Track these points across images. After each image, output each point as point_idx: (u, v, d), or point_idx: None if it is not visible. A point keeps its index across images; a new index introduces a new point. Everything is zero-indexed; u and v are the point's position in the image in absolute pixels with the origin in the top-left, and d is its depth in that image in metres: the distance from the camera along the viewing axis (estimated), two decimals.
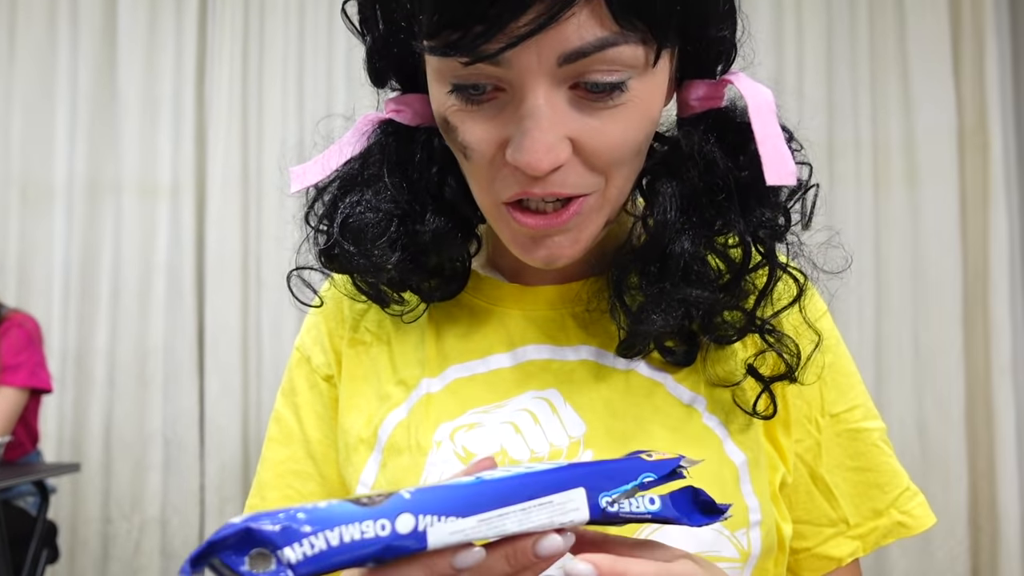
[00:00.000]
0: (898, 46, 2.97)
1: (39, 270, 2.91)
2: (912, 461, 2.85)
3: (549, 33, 0.50)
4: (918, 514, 0.71)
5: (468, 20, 0.50)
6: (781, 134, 0.59)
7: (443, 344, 0.68)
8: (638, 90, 0.55)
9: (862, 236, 2.93)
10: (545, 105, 0.53)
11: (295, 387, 0.73)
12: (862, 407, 0.71)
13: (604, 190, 0.58)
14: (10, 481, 1.95)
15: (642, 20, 0.52)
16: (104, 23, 2.98)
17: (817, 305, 0.71)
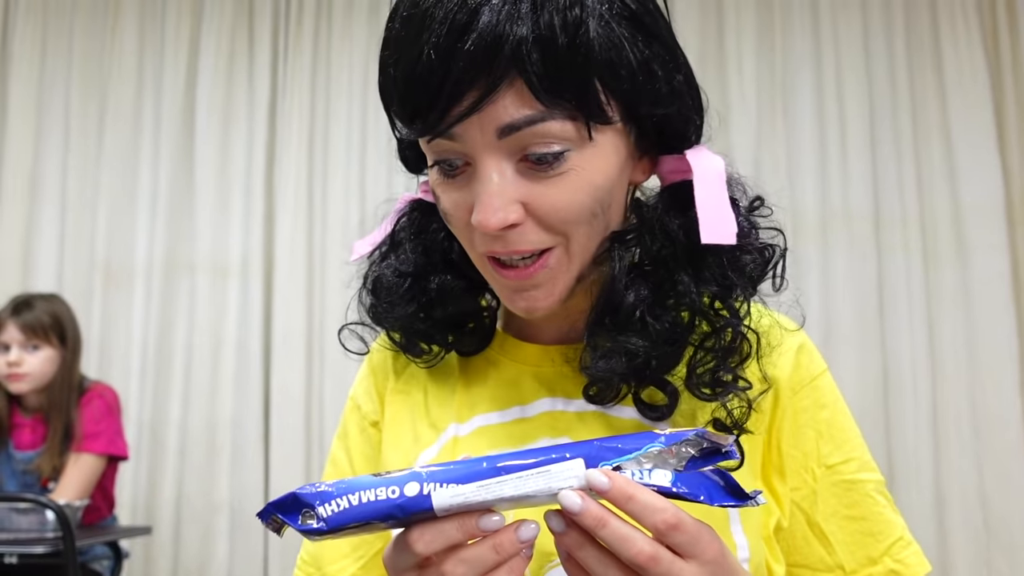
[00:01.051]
0: (940, 118, 3.02)
1: (118, 345, 3.09)
2: (975, 533, 2.80)
3: (486, 112, 0.60)
4: (911, 562, 0.74)
5: (423, 108, 0.61)
6: (724, 199, 0.66)
7: (470, 394, 0.77)
8: (578, 161, 0.63)
9: (913, 309, 2.94)
10: (495, 174, 0.62)
11: (347, 431, 0.83)
12: (857, 460, 0.75)
13: (567, 247, 0.66)
14: (87, 541, 2.07)
15: (563, 99, 0.60)
16: (183, 117, 3.21)
17: (816, 364, 0.76)
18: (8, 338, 2.29)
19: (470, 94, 0.60)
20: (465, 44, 0.58)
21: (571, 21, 0.59)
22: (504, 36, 0.58)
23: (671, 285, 0.68)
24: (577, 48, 0.59)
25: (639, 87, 0.64)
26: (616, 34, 0.62)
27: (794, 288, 2.62)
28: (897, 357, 2.93)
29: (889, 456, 2.89)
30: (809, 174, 3.03)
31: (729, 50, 3.11)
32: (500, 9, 0.58)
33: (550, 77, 0.59)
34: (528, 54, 0.58)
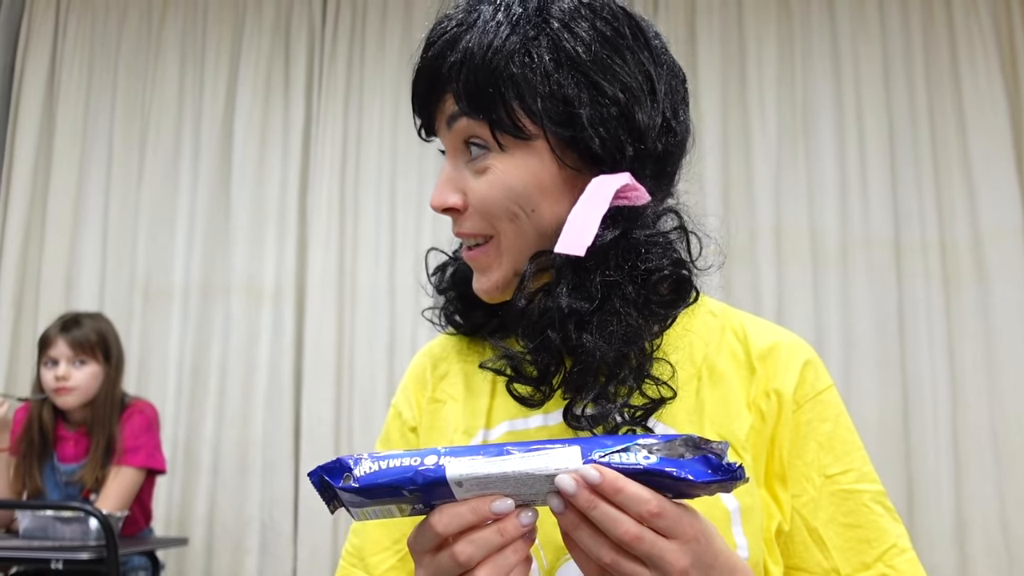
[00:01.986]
0: (960, 145, 3.06)
1: (156, 365, 3.19)
2: (997, 558, 2.81)
3: (440, 109, 0.79)
4: (904, 569, 0.78)
5: (420, 103, 0.81)
6: (594, 215, 0.73)
7: (498, 403, 0.84)
8: (495, 162, 0.77)
9: (933, 334, 2.97)
10: (449, 165, 0.80)
11: (389, 436, 0.91)
12: (856, 471, 0.80)
13: (499, 241, 0.79)
14: (128, 550, 2.15)
15: (477, 108, 0.76)
16: (220, 145, 3.33)
17: (821, 379, 0.82)
18: (56, 353, 2.38)
19: (440, 102, 0.79)
20: (436, 68, 0.78)
21: (490, 50, 0.75)
22: (447, 62, 0.77)
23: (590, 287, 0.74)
24: (492, 69, 0.75)
25: (551, 113, 0.75)
26: (537, 64, 0.75)
27: (814, 311, 2.68)
28: (918, 381, 2.96)
29: (910, 480, 2.91)
30: (830, 200, 3.08)
31: (751, 78, 3.18)
32: (453, 42, 0.77)
33: (467, 90, 0.76)
34: (458, 80, 0.76)
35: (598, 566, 0.61)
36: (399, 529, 0.87)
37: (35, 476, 2.39)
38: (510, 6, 0.76)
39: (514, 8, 0.76)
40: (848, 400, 2.93)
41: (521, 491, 0.59)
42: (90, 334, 2.40)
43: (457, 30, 0.77)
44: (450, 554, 0.60)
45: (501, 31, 0.75)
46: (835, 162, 3.10)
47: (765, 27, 3.21)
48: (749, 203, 3.12)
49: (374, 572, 0.87)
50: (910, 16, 3.18)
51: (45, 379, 2.39)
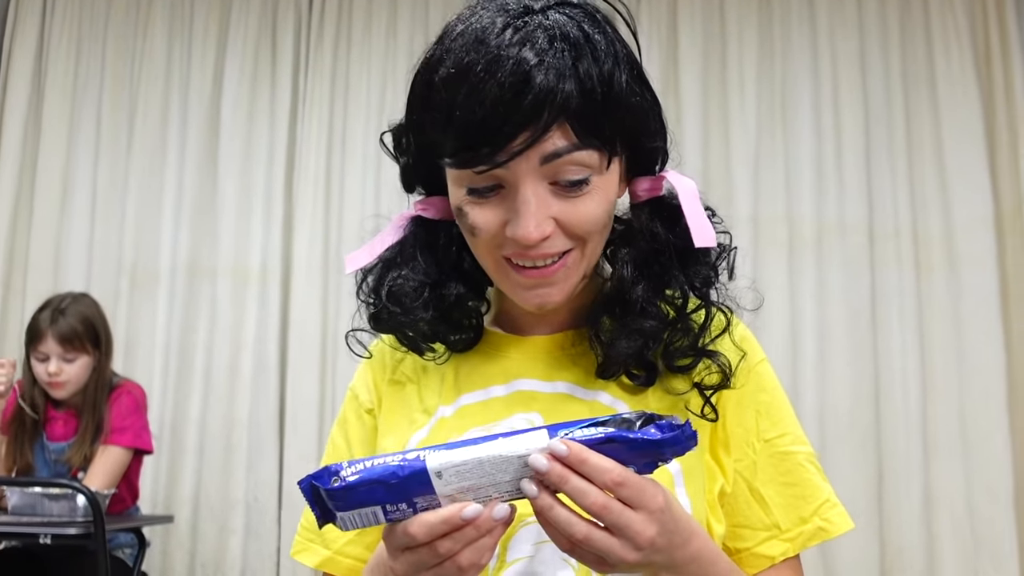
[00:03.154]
0: (934, 136, 3.12)
1: (142, 345, 3.23)
2: (963, 541, 2.89)
3: (535, 146, 0.74)
4: (836, 521, 0.86)
5: (479, 143, 0.73)
6: (703, 212, 0.81)
7: (457, 381, 0.89)
8: (598, 184, 0.78)
9: (905, 320, 3.04)
10: (533, 196, 0.76)
11: (346, 418, 0.95)
12: (791, 434, 0.87)
13: (583, 249, 0.80)
14: (115, 526, 2.20)
15: (596, 138, 0.75)
16: (207, 126, 3.36)
17: (756, 353, 0.89)
18: (47, 349, 2.41)
19: (524, 135, 0.73)
20: (524, 100, 0.71)
21: (606, 75, 0.74)
22: (555, 91, 0.72)
23: (667, 278, 0.83)
24: (610, 98, 0.75)
25: (642, 127, 0.80)
26: (631, 85, 0.77)
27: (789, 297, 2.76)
28: (889, 366, 3.03)
29: (880, 462, 2.98)
30: (806, 188, 3.14)
31: (731, 69, 3.23)
32: (548, 70, 0.72)
33: (588, 121, 0.74)
34: (573, 104, 0.73)
35: (572, 543, 0.65)
36: None
37: (26, 454, 2.43)
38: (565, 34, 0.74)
39: (569, 32, 0.74)
40: (821, 384, 3.01)
41: (497, 478, 0.63)
42: (77, 326, 2.42)
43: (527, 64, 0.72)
44: (429, 549, 0.64)
45: (588, 59, 0.74)
46: (812, 152, 3.16)
47: (746, 19, 3.26)
48: (728, 191, 3.17)
49: (332, 546, 0.91)
50: (887, 11, 3.23)
51: (37, 371, 2.43)
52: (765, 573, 0.85)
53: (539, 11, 0.76)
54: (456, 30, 0.76)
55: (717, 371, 0.84)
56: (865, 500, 2.94)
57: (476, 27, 0.75)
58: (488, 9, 0.77)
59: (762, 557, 0.86)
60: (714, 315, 0.85)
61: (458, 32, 0.76)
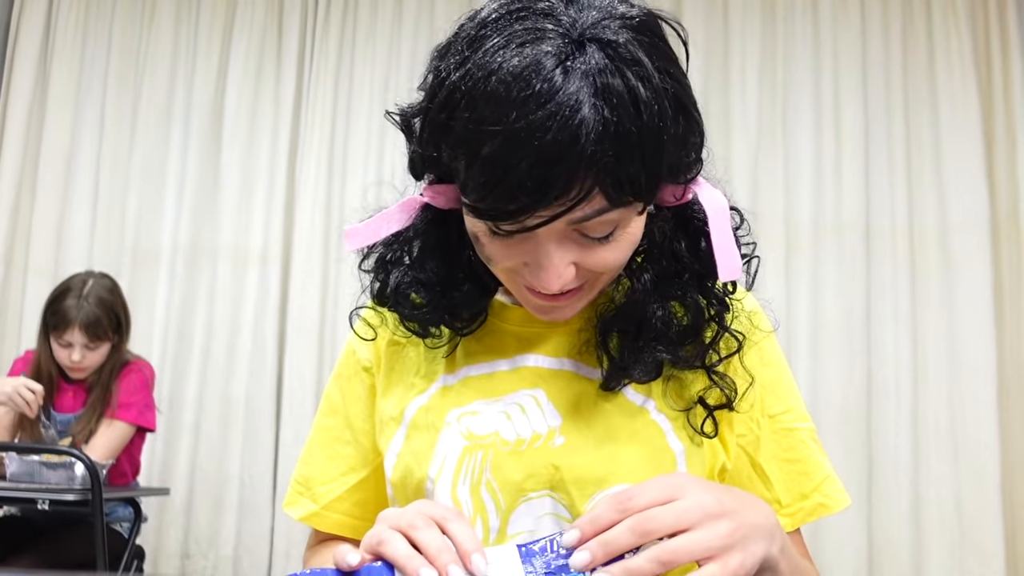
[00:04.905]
0: (932, 137, 3.14)
1: (143, 324, 3.24)
2: (950, 536, 2.92)
3: (574, 210, 0.68)
4: (836, 497, 0.87)
5: (506, 201, 0.66)
6: (731, 236, 0.75)
7: (462, 349, 0.87)
8: (627, 228, 0.73)
9: (899, 318, 3.07)
10: (556, 250, 0.71)
11: (342, 372, 0.94)
12: (794, 411, 0.87)
13: (600, 279, 0.78)
14: (112, 495, 2.23)
15: (631, 196, 0.69)
16: (212, 108, 3.38)
17: (763, 328, 0.88)
18: (72, 339, 2.42)
19: (558, 205, 0.67)
20: (562, 169, 0.64)
21: (649, 131, 0.66)
22: (595, 160, 0.64)
23: (685, 300, 0.80)
24: (651, 154, 0.67)
25: (681, 161, 0.74)
26: (675, 125, 0.69)
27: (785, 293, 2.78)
28: (881, 364, 3.06)
29: (870, 458, 3.01)
30: (805, 187, 3.17)
31: (733, 68, 3.26)
32: (590, 134, 0.64)
33: (625, 184, 0.67)
34: (612, 170, 0.66)
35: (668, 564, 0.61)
36: (346, 463, 0.92)
37: (36, 430, 2.46)
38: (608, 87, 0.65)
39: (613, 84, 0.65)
40: (814, 380, 3.04)
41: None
42: (102, 315, 2.43)
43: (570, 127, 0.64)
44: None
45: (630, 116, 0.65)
46: (811, 150, 3.19)
47: (749, 18, 3.28)
48: (727, 186, 3.18)
49: (320, 501, 0.92)
50: (889, 12, 3.26)
51: (59, 356, 2.45)
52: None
53: (586, 41, 0.66)
54: (492, 43, 0.67)
55: (728, 389, 0.83)
56: (855, 494, 2.97)
57: (516, 59, 0.65)
58: (528, 25, 0.67)
59: None
60: (722, 335, 0.83)
61: (495, 47, 0.66)
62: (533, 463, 0.80)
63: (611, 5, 0.70)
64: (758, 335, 0.87)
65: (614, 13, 0.69)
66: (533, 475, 0.80)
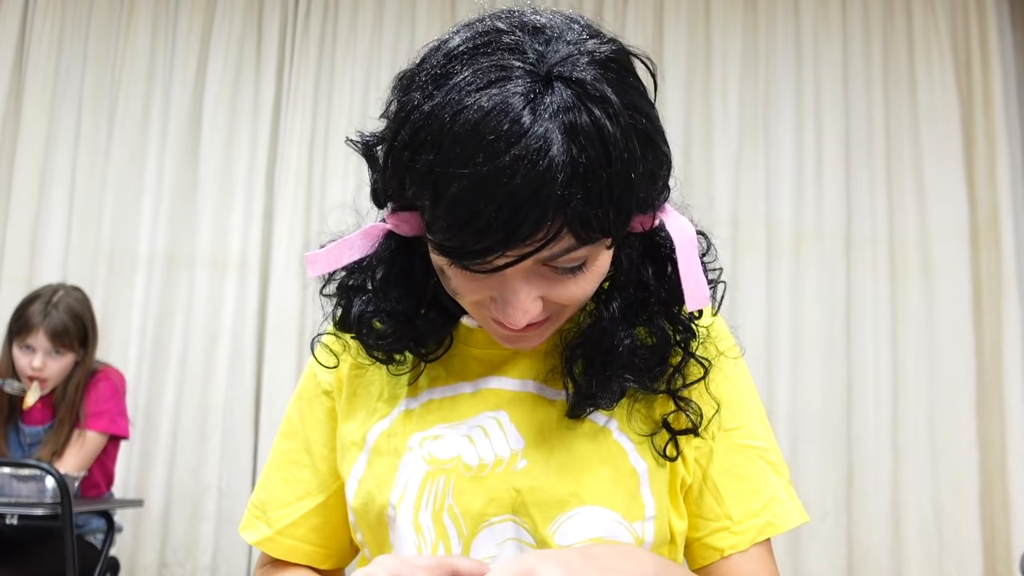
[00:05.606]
0: (913, 145, 3.17)
1: (118, 332, 3.22)
2: (929, 541, 2.93)
3: (542, 252, 0.67)
4: (784, 517, 0.86)
5: (473, 242, 0.65)
6: (699, 265, 0.75)
7: (425, 373, 0.87)
8: (596, 262, 0.73)
9: (878, 325, 3.08)
10: (523, 286, 0.71)
11: (302, 395, 0.93)
12: (747, 428, 0.86)
13: (564, 312, 0.77)
14: (83, 508, 2.20)
15: (600, 234, 0.68)
16: (190, 115, 3.36)
17: (724, 342, 0.88)
18: (35, 343, 2.39)
19: (525, 246, 0.66)
20: (530, 214, 0.63)
21: (616, 174, 0.65)
22: (563, 203, 0.64)
23: (651, 327, 0.80)
24: (619, 195, 0.66)
25: (650, 195, 0.73)
26: (643, 163, 0.68)
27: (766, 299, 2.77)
28: (862, 370, 3.07)
29: (850, 464, 3.02)
30: (786, 194, 3.17)
31: (715, 75, 3.26)
32: (556, 177, 0.63)
33: (592, 224, 0.66)
34: (579, 212, 0.65)
35: None
36: (303, 487, 0.91)
37: (2, 442, 2.43)
38: (574, 125, 0.64)
39: (580, 123, 0.64)
40: (794, 386, 3.04)
41: None
42: (69, 324, 2.41)
43: (537, 171, 0.63)
44: None
45: (598, 156, 0.64)
46: (792, 158, 3.20)
47: (731, 25, 3.29)
48: (708, 194, 3.20)
49: (274, 526, 0.91)
50: (871, 19, 3.27)
51: (20, 363, 2.41)
52: (731, 562, 0.85)
53: (553, 79, 0.65)
54: (458, 79, 0.65)
55: (693, 415, 0.83)
56: (834, 500, 2.98)
57: (484, 99, 0.64)
58: (495, 61, 0.66)
59: (712, 548, 0.85)
60: (688, 362, 0.82)
61: (462, 84, 0.65)
62: (495, 487, 0.80)
63: (579, 39, 0.69)
64: (722, 360, 0.86)
65: (583, 48, 0.68)
66: (495, 499, 0.80)
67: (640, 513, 0.80)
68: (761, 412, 0.90)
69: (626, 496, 0.80)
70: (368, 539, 0.86)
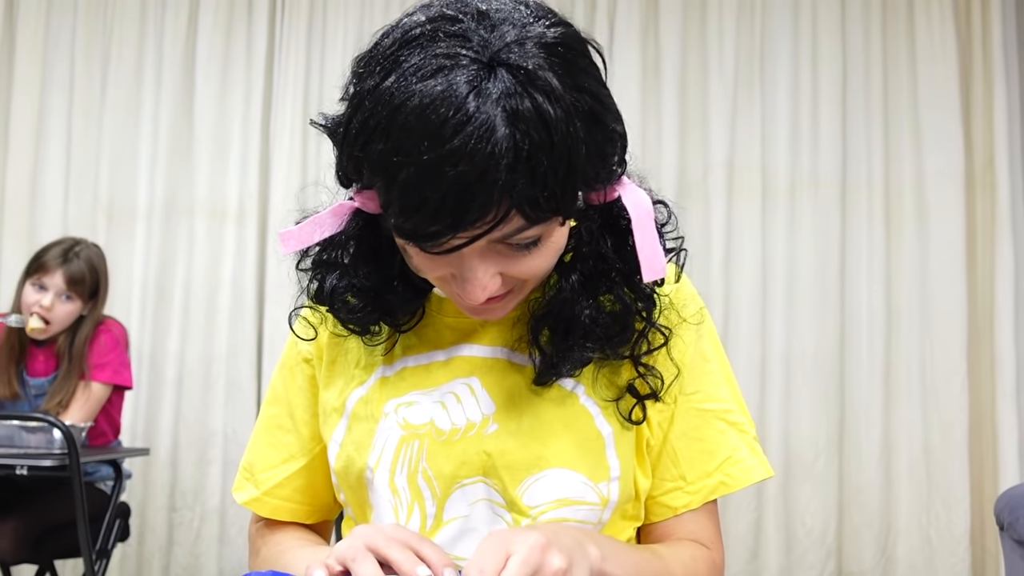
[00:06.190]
0: (910, 91, 3.14)
1: (121, 283, 3.25)
2: (918, 483, 3.00)
3: (494, 232, 0.70)
4: (737, 476, 0.90)
5: (426, 225, 0.68)
6: (655, 237, 0.77)
7: (400, 341, 0.91)
8: (551, 237, 0.75)
9: (872, 270, 3.10)
10: (480, 264, 0.74)
11: (285, 363, 0.98)
12: (704, 392, 0.90)
13: (527, 286, 0.80)
14: (89, 459, 2.27)
15: (549, 212, 0.70)
16: (183, 64, 3.34)
17: (691, 306, 0.91)
18: (49, 282, 2.44)
19: (475, 228, 0.69)
20: (476, 199, 0.66)
21: (560, 155, 0.67)
22: (509, 187, 0.66)
23: (613, 295, 0.82)
24: (564, 175, 0.68)
25: (601, 171, 0.74)
26: (589, 143, 0.69)
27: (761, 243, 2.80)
28: (855, 314, 3.10)
29: (842, 406, 3.07)
30: (782, 139, 3.17)
31: (711, 18, 3.22)
32: (500, 159, 0.65)
33: (543, 207, 0.69)
34: (526, 195, 0.67)
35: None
36: (287, 451, 0.96)
37: (12, 382, 2.49)
38: (516, 112, 0.66)
39: (522, 109, 0.66)
40: (788, 330, 3.08)
41: None
42: (86, 273, 2.47)
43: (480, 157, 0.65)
44: None
45: (541, 140, 0.66)
46: (789, 102, 3.18)
47: None
48: (704, 139, 3.19)
49: (261, 487, 0.96)
50: None
51: (29, 299, 2.45)
52: (680, 519, 0.90)
53: (496, 66, 0.67)
54: (407, 66, 0.68)
55: (654, 381, 0.86)
56: (826, 441, 3.04)
57: (430, 85, 0.66)
58: (442, 49, 0.68)
59: (666, 507, 0.90)
60: (649, 330, 0.85)
61: (410, 72, 0.67)
62: (466, 451, 0.84)
63: (526, 23, 0.70)
64: (687, 313, 0.90)
65: (529, 32, 0.69)
66: (466, 463, 0.84)
67: (605, 474, 0.84)
68: (726, 373, 0.93)
69: (592, 458, 0.84)
70: (350, 499, 0.91)
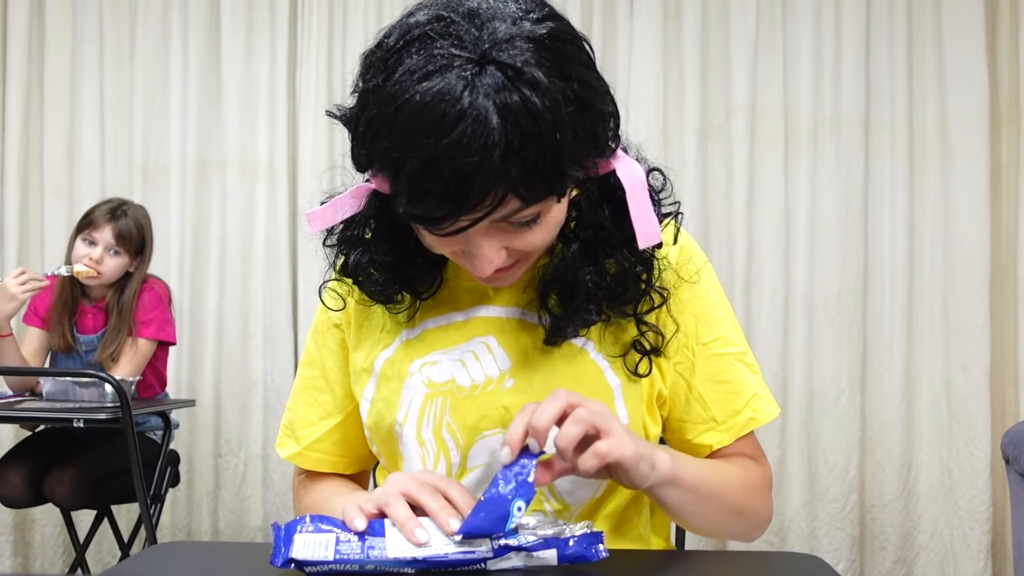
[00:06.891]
0: (934, 27, 3.11)
1: (158, 239, 3.31)
2: (939, 419, 3.05)
3: (494, 214, 0.77)
4: (764, 410, 1.00)
5: (432, 211, 0.76)
6: (649, 206, 0.83)
7: (420, 306, 0.99)
8: (548, 211, 0.81)
9: (896, 210, 3.11)
10: (485, 242, 0.81)
11: (317, 328, 1.07)
12: (723, 338, 0.99)
13: (532, 256, 0.87)
14: (140, 411, 2.41)
15: (544, 193, 0.77)
16: (209, 24, 3.39)
17: (695, 259, 0.99)
18: (99, 237, 2.58)
19: (474, 214, 0.76)
20: (473, 188, 0.73)
21: (549, 144, 0.73)
22: (503, 175, 0.73)
23: (609, 257, 0.89)
24: (555, 160, 0.74)
25: (593, 149, 0.80)
26: (570, 129, 0.74)
27: (783, 185, 2.86)
28: (878, 255, 3.13)
29: (865, 345, 3.12)
30: (804, 81, 3.16)
31: None
32: (494, 149, 0.71)
33: (537, 188, 0.76)
34: (520, 181, 0.74)
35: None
36: (323, 409, 1.05)
37: (66, 335, 2.63)
38: (506, 105, 0.72)
39: (511, 102, 0.72)
40: (811, 270, 3.12)
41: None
42: (134, 230, 2.61)
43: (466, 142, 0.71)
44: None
45: (530, 131, 0.72)
46: (811, 43, 3.15)
47: None
48: (726, 82, 3.19)
49: (302, 442, 1.06)
50: None
51: (79, 252, 2.58)
52: (725, 450, 0.99)
53: (486, 63, 0.73)
54: (407, 65, 0.74)
55: (654, 335, 0.94)
56: (849, 379, 3.09)
57: (429, 84, 0.72)
58: (439, 49, 0.73)
59: (702, 447, 0.99)
60: (648, 292, 0.93)
61: (410, 71, 0.73)
62: (486, 405, 0.93)
63: (515, 18, 0.75)
64: (690, 270, 0.98)
65: (517, 30, 0.74)
66: (486, 416, 0.93)
67: None
68: (733, 320, 1.02)
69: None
70: (382, 451, 1.01)
